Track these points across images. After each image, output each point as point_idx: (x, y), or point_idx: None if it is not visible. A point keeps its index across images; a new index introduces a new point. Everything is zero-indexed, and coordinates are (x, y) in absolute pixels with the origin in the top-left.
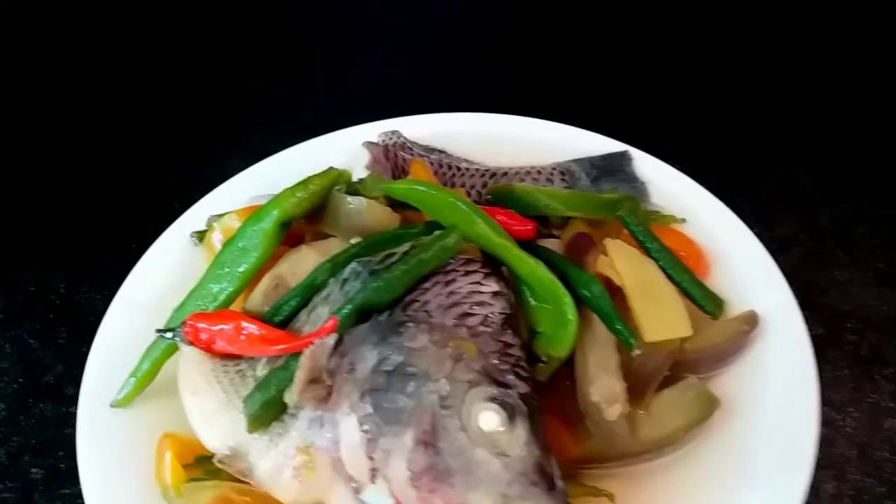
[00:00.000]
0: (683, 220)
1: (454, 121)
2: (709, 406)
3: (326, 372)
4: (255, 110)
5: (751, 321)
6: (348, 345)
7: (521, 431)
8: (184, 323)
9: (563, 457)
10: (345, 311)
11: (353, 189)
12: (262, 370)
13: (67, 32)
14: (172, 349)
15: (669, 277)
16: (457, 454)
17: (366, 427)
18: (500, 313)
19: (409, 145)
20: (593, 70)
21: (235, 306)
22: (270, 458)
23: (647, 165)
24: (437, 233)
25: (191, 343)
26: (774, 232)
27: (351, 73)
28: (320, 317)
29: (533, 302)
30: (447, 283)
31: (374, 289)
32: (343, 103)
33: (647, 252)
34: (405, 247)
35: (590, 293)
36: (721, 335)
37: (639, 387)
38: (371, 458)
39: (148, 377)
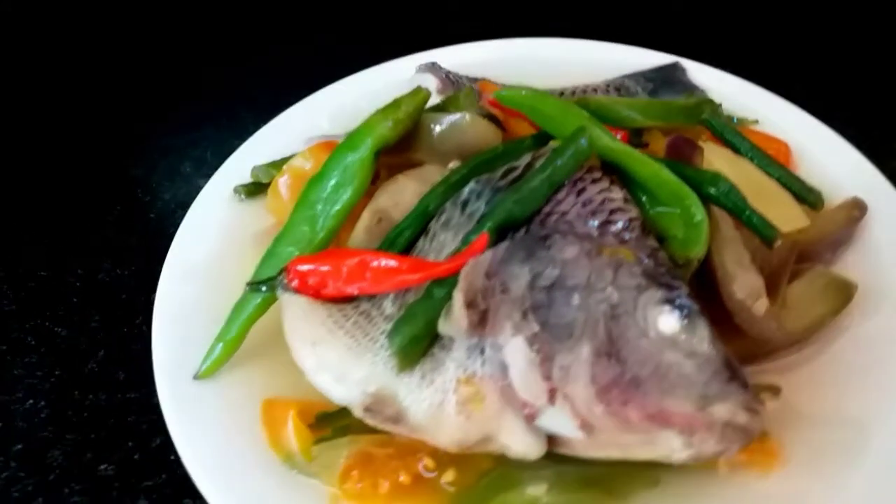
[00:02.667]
0: (756, 122)
1: (490, 49)
2: (846, 291)
3: (481, 294)
4: (253, 67)
5: (860, 207)
6: (493, 265)
7: (703, 330)
8: (285, 270)
9: None
10: (485, 228)
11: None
12: (391, 307)
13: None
14: (268, 303)
15: (767, 174)
16: (644, 361)
17: (536, 346)
18: (637, 218)
19: (455, 74)
20: None
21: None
22: (427, 397)
23: (700, 74)
24: (565, 138)
25: (297, 291)
26: None
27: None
28: (444, 244)
29: (652, 210)
30: (579, 193)
31: (515, 201)
32: (350, 48)
33: (737, 152)
34: (524, 159)
35: (717, 190)
36: (832, 223)
37: (771, 281)
38: (548, 379)
39: (238, 340)
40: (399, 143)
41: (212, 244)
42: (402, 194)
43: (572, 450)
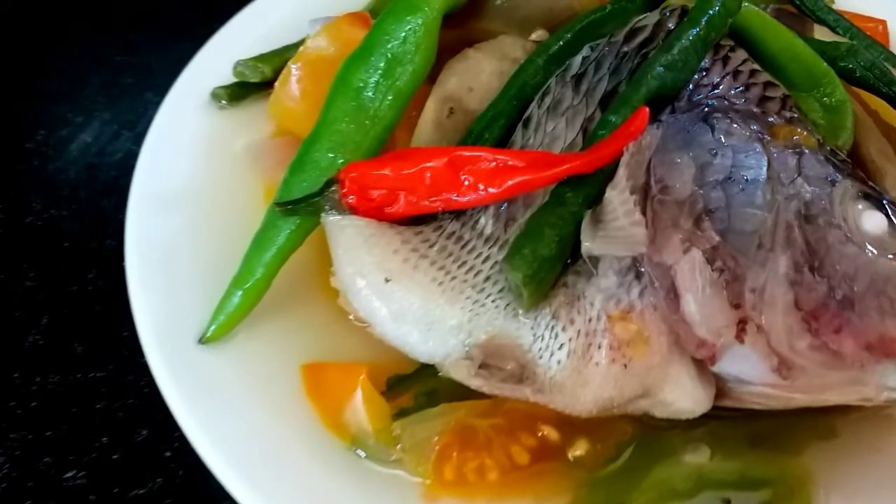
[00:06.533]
0: (833, 1)
1: None
2: None
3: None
4: None
5: None
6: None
7: None
8: (336, 181)
9: None
10: (633, 103)
11: None
12: (491, 226)
13: None
14: (303, 232)
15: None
16: (854, 274)
17: (718, 264)
18: (788, 94)
19: None
20: None
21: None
22: (564, 344)
23: None
24: None
25: (352, 210)
26: None
27: None
28: (556, 135)
29: None
30: (724, 62)
31: (666, 65)
32: None
33: (833, 31)
34: (651, 19)
35: (855, 64)
36: None
37: None
38: (737, 307)
39: (263, 286)
40: (462, 10)
41: (191, 164)
42: (478, 75)
43: (738, 400)
